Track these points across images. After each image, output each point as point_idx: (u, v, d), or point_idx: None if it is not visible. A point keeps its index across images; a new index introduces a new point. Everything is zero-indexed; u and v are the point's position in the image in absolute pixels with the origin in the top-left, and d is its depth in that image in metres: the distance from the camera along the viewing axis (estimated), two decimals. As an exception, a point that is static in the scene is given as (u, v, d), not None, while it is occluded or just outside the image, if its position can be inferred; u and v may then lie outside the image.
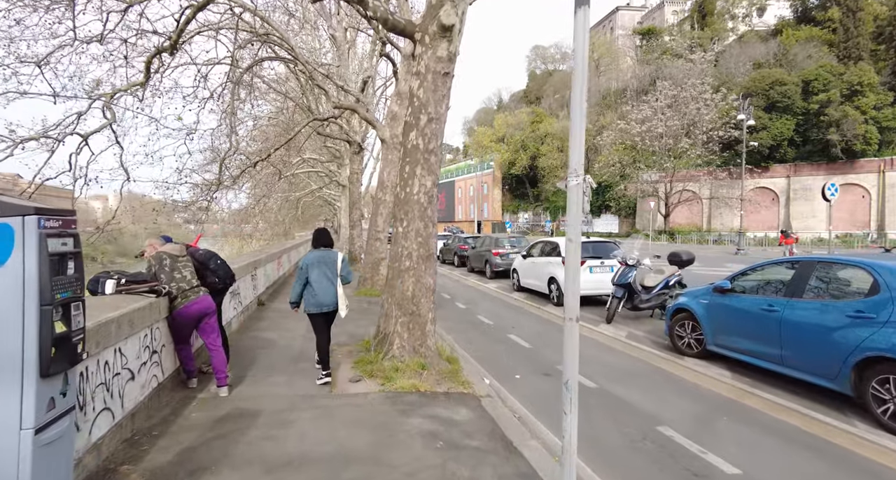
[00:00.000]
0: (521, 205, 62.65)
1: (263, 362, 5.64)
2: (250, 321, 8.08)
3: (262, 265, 10.21)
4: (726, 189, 39.81)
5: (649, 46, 60.71)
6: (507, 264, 15.02)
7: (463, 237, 20.00)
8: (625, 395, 4.99)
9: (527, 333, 7.80)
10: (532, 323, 8.69)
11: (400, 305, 5.56)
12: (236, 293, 7.53)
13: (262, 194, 26.74)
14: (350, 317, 8.87)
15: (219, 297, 5.02)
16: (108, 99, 7.32)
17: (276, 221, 36.08)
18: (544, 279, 10.63)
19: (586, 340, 7.29)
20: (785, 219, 38.92)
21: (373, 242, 12.02)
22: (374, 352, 5.52)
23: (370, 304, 10.04)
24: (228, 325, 6.93)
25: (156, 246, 4.50)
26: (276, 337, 6.87)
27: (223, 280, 4.87)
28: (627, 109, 43.48)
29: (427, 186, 5.65)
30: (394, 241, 5.79)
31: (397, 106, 11.81)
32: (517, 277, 12.40)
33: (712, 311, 5.72)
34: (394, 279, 5.66)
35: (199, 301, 4.31)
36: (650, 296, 8.39)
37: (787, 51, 42.01)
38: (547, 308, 10.08)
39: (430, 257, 5.68)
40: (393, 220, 5.87)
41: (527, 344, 7.09)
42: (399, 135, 11.91)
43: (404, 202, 5.65)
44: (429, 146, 5.60)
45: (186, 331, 4.38)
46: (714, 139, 36.72)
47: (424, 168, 5.61)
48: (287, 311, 9.56)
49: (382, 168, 11.97)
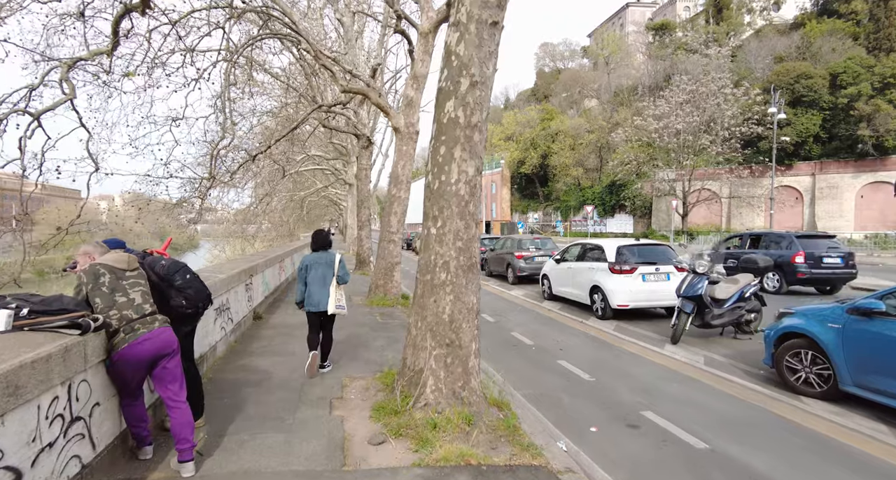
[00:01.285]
0: (531, 204, 61.12)
1: (252, 407, 4.25)
2: (243, 342, 6.69)
3: (259, 271, 8.84)
4: (747, 187, 38.19)
5: (662, 42, 59.20)
6: (532, 269, 13.60)
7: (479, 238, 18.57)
8: (753, 463, 3.56)
9: (580, 358, 6.38)
10: (581, 344, 7.26)
11: (434, 332, 4.15)
12: (224, 308, 6.16)
13: (266, 193, 25.48)
14: (361, 335, 7.52)
15: (188, 326, 3.64)
16: (66, 69, 5.97)
17: (281, 222, 34.84)
18: (585, 288, 9.20)
19: (658, 369, 5.85)
20: (810, 218, 37.24)
21: (385, 244, 10.63)
22: (400, 396, 4.12)
23: (384, 317, 8.65)
24: (213, 350, 5.55)
25: (92, 255, 3.12)
26: (272, 367, 5.47)
27: (193, 302, 3.48)
28: (643, 105, 41.87)
29: (469, 173, 4.24)
30: (423, 247, 4.40)
31: (413, 90, 10.43)
32: (548, 284, 10.96)
33: (852, 341, 4.27)
34: (424, 296, 4.27)
35: (151, 336, 2.93)
36: (723, 311, 6.95)
37: (810, 43, 40.32)
38: (591, 322, 8.65)
39: (472, 267, 4.28)
40: (423, 220, 4.47)
41: (585, 374, 5.66)
42: (415, 124, 10.53)
43: (438, 195, 4.25)
44: (471, 119, 4.20)
45: (134, 381, 2.99)
46: (736, 135, 35.07)
47: (465, 149, 4.21)
48: (289, 326, 8.20)
49: (396, 161, 10.59)
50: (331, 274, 5.15)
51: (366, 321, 8.33)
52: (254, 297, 8.27)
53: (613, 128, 46.44)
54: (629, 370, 5.80)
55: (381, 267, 10.64)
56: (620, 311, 8.51)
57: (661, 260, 8.59)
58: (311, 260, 5.19)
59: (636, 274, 8.38)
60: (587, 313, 9.27)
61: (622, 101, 54.25)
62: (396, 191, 10.60)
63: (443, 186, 4.23)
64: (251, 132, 19.42)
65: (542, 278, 11.37)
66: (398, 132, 10.52)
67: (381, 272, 10.61)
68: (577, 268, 9.62)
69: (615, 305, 8.37)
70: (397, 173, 10.57)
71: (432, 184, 4.33)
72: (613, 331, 7.87)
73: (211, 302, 3.70)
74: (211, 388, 4.68)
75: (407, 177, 10.66)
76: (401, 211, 10.67)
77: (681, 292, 6.94)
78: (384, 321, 8.40)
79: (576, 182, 52.22)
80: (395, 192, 10.61)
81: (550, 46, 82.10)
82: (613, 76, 60.69)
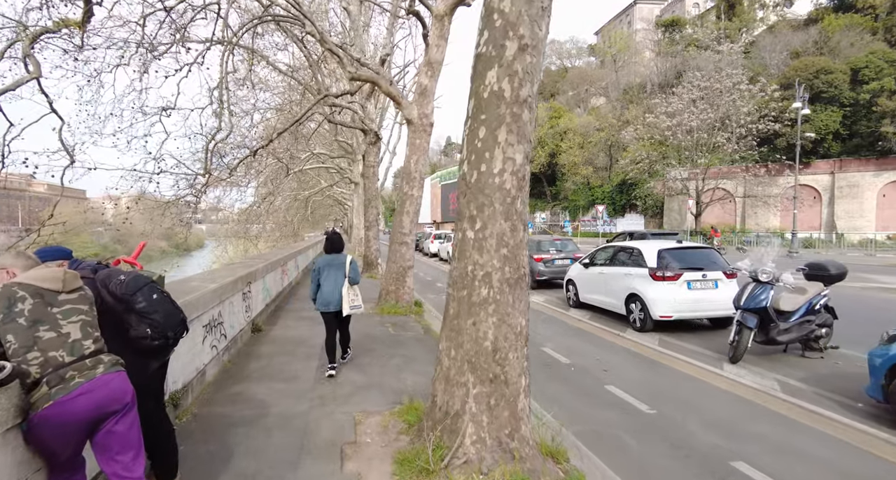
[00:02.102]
0: (538, 204, 60.10)
1: (243, 459, 3.36)
2: (238, 362, 5.82)
3: (259, 277, 7.98)
4: (762, 186, 37.07)
5: (672, 39, 58.13)
6: (552, 272, 12.69)
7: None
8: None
9: (629, 381, 5.47)
10: (625, 362, 6.34)
11: (473, 364, 3.26)
12: (216, 324, 5.28)
13: (268, 192, 24.70)
14: (373, 351, 6.51)
15: (157, 362, 2.76)
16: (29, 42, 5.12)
17: (285, 221, 34.07)
18: (620, 296, 8.27)
19: (728, 398, 4.92)
20: (828, 218, 36.11)
21: (397, 247, 9.74)
22: (431, 445, 3.22)
23: (396, 328, 7.77)
24: (201, 375, 4.68)
25: (11, 269, 2.24)
26: (271, 396, 4.60)
27: (161, 330, 2.58)
28: (655, 102, 40.83)
29: (517, 162, 3.35)
30: (457, 255, 3.51)
31: (427, 78, 9.54)
32: (574, 290, 10.04)
33: None
34: (460, 317, 3.38)
35: (91, 388, 2.05)
36: (790, 325, 6.01)
37: (828, 38, 39.16)
38: (629, 334, 7.72)
39: (520, 281, 3.38)
40: (456, 221, 3.58)
41: (642, 404, 4.75)
42: (429, 115, 9.64)
43: (477, 189, 3.36)
44: (519, 93, 3.31)
45: (66, 452, 2.10)
46: (753, 132, 33.99)
47: (512, 130, 3.31)
48: (291, 340, 7.27)
49: (408, 155, 9.70)
50: (342, 275, 5.36)
51: (377, 333, 7.44)
52: (253, 307, 7.41)
53: (624, 125, 45.40)
54: (693, 399, 4.89)
55: (392, 271, 9.76)
56: (662, 323, 7.59)
57: (708, 265, 7.66)
58: (325, 263, 5.43)
59: (681, 282, 7.45)
60: (622, 324, 8.34)
61: (631, 99, 53.18)
62: (409, 188, 9.73)
63: (483, 178, 3.34)
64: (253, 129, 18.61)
65: (566, 284, 10.43)
66: (410, 124, 9.64)
67: (393, 277, 9.73)
68: (611, 274, 8.69)
69: (657, 316, 7.45)
70: (409, 169, 9.70)
71: (468, 175, 3.43)
72: (658, 347, 6.95)
73: (186, 328, 2.81)
74: (195, 428, 3.81)
75: (420, 174, 9.78)
76: (413, 210, 9.79)
77: (741, 303, 6.01)
78: (397, 333, 7.52)
79: (585, 181, 51.17)
80: (408, 190, 9.73)
81: (557, 44, 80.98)
82: (622, 74, 59.63)
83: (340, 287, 5.31)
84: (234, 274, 6.59)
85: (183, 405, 4.06)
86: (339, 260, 5.44)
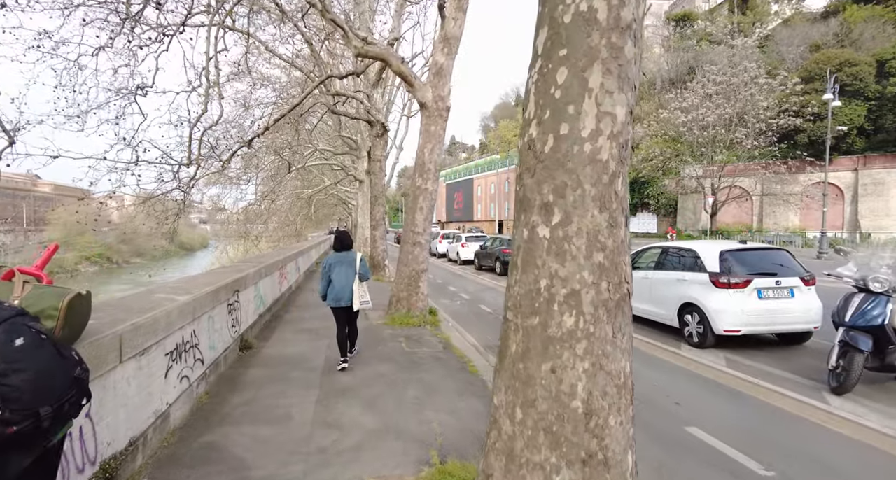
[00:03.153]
0: (546, 203, 58.77)
1: None
2: (218, 393, 4.67)
3: (250, 284, 6.83)
4: (781, 184, 35.70)
5: (683, 34, 56.77)
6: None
7: (507, 240, 16.50)
8: None
9: (715, 419, 4.28)
10: (696, 390, 5.16)
11: (554, 434, 2.09)
12: (187, 349, 4.12)
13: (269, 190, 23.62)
14: (385, 376, 5.08)
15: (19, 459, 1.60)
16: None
17: (287, 221, 33.02)
18: (671, 305, 7.07)
19: (866, 451, 3.71)
20: (851, 216, 34.69)
21: (409, 248, 8.58)
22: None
23: (411, 343, 6.61)
24: (161, 421, 3.52)
25: None
26: (254, 451, 3.44)
27: (26, 404, 1.44)
28: (669, 97, 39.53)
29: (618, 119, 2.16)
30: (520, 263, 2.32)
31: (444, 55, 8.39)
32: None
33: None
34: (528, 359, 2.20)
35: None
36: (907, 346, 4.80)
37: (850, 30, 37.75)
38: (685, 351, 6.53)
39: (622, 303, 2.21)
40: (515, 212, 2.41)
41: (748, 459, 3.55)
42: (445, 97, 8.47)
43: (555, 163, 2.17)
44: (620, 14, 2.12)
45: None
46: (773, 128, 32.64)
47: (611, 70, 2.12)
48: (287, 360, 5.93)
49: (422, 144, 8.54)
50: (353, 272, 5.49)
51: (389, 350, 6.29)
52: (242, 319, 6.26)
53: (636, 121, 44.08)
54: (818, 452, 3.69)
55: (403, 275, 8.60)
56: (725, 338, 6.39)
57: (782, 270, 6.45)
58: (335, 260, 5.55)
59: (749, 290, 6.24)
60: (673, 337, 7.15)
61: (642, 95, 51.85)
62: (422, 181, 8.57)
63: (562, 145, 2.16)
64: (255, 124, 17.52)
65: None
66: (424, 108, 8.48)
67: (404, 282, 8.57)
68: (658, 280, 7.49)
69: (720, 330, 6.26)
70: (423, 160, 8.54)
71: (539, 143, 2.25)
72: (726, 368, 5.75)
73: (86, 395, 1.65)
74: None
75: (435, 165, 8.62)
76: (428, 206, 8.64)
77: (846, 319, 4.80)
78: (412, 349, 6.36)
79: (595, 179, 49.77)
80: (421, 183, 8.57)
81: (564, 41, 79.56)
82: (632, 69, 58.18)
83: (351, 283, 5.47)
84: (218, 281, 5.44)
85: (124, 474, 2.90)
86: (350, 258, 5.59)
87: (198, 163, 8.07)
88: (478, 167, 67.74)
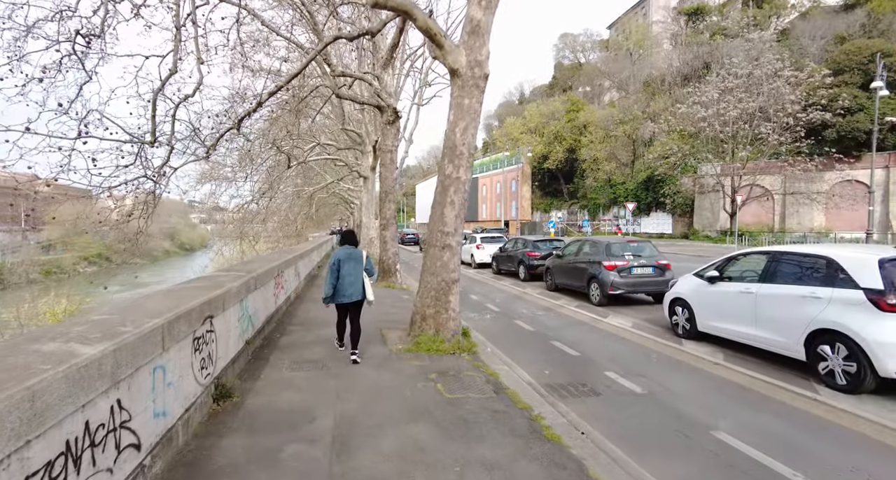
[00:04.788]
0: (554, 202, 57.10)
1: None
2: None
3: (231, 304, 5.05)
4: (805, 182, 33.91)
5: (696, 28, 55.00)
6: (630, 285, 9.73)
7: (532, 241, 14.64)
8: None
9: None
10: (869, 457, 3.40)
11: None
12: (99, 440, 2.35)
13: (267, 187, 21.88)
14: (423, 458, 3.02)
15: None
16: None
17: (287, 220, 31.29)
18: (794, 331, 5.28)
19: None
20: (882, 217, 32.84)
21: (437, 252, 6.79)
22: None
23: (448, 385, 4.84)
24: None
25: None
26: None
27: None
28: (687, 92, 37.73)
29: None
30: None
31: (481, 10, 6.61)
32: (686, 315, 7.07)
33: None
34: None
35: None
36: None
37: (878, 20, 35.96)
38: (824, 396, 4.73)
39: None
40: None
41: None
42: (483, 62, 6.69)
43: None
44: None
45: None
46: (801, 122, 30.85)
47: None
48: (284, 420, 3.80)
49: (453, 122, 6.76)
50: (360, 268, 5.76)
51: (421, 399, 4.51)
52: (217, 355, 4.47)
53: (652, 117, 42.35)
54: None
55: (429, 287, 6.80)
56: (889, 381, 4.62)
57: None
58: (345, 255, 5.71)
59: (925, 313, 4.47)
60: (795, 373, 5.38)
61: (654, 91, 50.14)
62: (453, 169, 6.78)
63: None
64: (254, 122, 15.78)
65: (671, 304, 7.43)
66: (456, 76, 6.71)
67: (431, 295, 6.78)
68: (769, 296, 5.69)
69: (891, 372, 4.47)
70: (454, 142, 6.76)
71: None
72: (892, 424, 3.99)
73: None
74: None
75: (469, 148, 6.84)
76: (460, 200, 6.86)
77: None
78: (453, 396, 4.59)
79: (606, 177, 48.02)
80: (451, 171, 6.78)
81: (570, 37, 77.99)
82: (641, 66, 56.53)
83: (361, 278, 5.71)
84: (178, 305, 3.67)
85: None
86: (357, 254, 5.80)
87: (170, 144, 6.29)
88: (482, 166, 65.88)
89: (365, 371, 5.41)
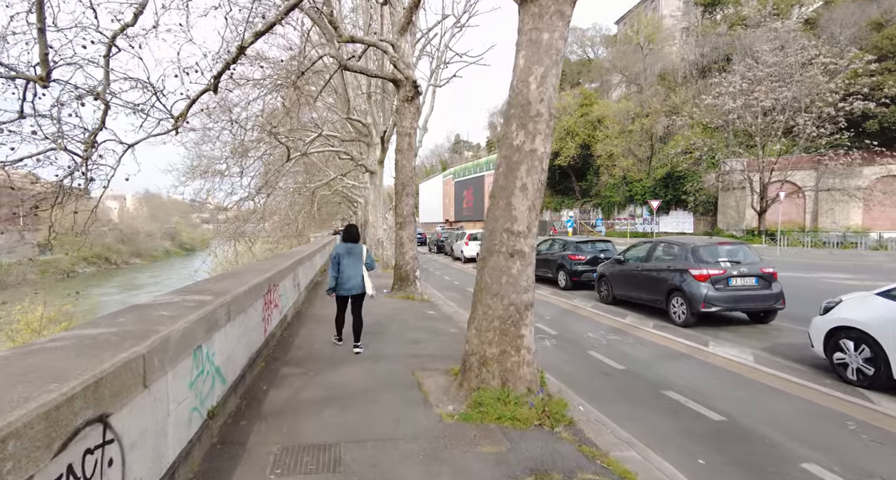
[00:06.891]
0: (565, 200, 54.81)
1: None
2: None
3: (166, 365, 2.83)
4: (841, 178, 31.59)
5: (713, 20, 52.74)
6: (727, 299, 7.45)
7: (574, 242, 12.34)
8: None
9: None
10: None
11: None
12: None
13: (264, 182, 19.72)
14: None
15: None
16: None
17: (287, 219, 29.11)
18: None
19: None
20: (924, 215, 30.52)
21: (501, 262, 4.52)
22: None
23: None
24: None
25: None
26: None
27: None
28: (713, 82, 35.45)
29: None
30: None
31: None
32: (870, 354, 4.80)
33: None
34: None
35: None
36: None
37: (918, 5, 33.60)
38: None
39: None
40: None
41: None
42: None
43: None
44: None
45: None
46: (842, 112, 28.56)
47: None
48: None
49: (524, 68, 4.50)
50: (360, 263, 6.00)
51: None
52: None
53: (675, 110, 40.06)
54: None
55: (490, 315, 4.52)
56: None
57: None
58: (345, 251, 5.97)
59: None
60: None
61: (670, 84, 47.86)
62: (524, 137, 4.50)
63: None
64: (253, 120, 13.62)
65: (832, 336, 5.17)
66: (527, 1, 4.47)
67: (494, 327, 4.49)
68: None
69: None
70: (527, 97, 4.48)
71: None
72: None
73: None
74: None
75: (549, 105, 4.56)
76: (535, 184, 4.59)
77: None
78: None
79: (622, 174, 45.68)
80: (522, 141, 4.50)
81: (579, 32, 75.69)
82: (654, 59, 54.22)
83: (361, 273, 5.96)
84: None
85: None
86: (358, 249, 6.05)
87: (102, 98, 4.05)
88: (489, 164, 63.53)
89: (406, 470, 3.16)
